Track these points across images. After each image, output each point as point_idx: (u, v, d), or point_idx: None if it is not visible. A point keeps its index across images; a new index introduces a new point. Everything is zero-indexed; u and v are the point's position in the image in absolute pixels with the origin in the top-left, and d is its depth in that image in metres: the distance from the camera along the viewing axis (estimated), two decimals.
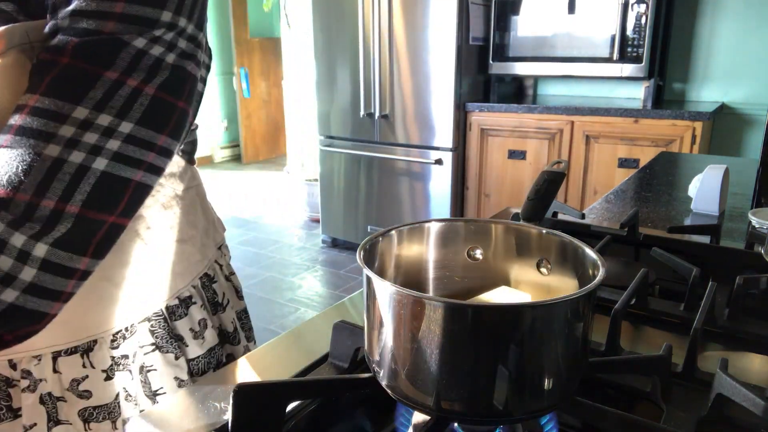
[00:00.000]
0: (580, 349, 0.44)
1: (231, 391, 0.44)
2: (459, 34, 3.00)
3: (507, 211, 1.13)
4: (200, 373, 0.72)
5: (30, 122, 0.45)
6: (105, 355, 0.64)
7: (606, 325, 0.59)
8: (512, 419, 0.42)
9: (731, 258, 0.82)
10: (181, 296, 0.70)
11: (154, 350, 0.68)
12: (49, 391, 0.62)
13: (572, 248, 0.50)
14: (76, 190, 0.46)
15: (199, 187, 0.76)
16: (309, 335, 0.68)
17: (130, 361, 0.66)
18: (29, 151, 0.45)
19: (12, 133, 0.45)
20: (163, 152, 0.51)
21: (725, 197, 1.20)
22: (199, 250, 0.74)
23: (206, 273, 0.75)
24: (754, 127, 3.00)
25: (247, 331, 0.84)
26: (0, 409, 0.62)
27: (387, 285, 0.42)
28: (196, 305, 0.72)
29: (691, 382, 0.54)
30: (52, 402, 0.63)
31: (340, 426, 0.53)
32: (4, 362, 0.61)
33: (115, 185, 0.48)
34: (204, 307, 0.74)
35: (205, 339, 0.73)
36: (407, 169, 3.33)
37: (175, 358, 0.69)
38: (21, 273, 0.44)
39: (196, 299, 0.72)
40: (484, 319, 0.39)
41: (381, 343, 0.44)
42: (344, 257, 3.70)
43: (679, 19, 3.05)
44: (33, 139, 0.45)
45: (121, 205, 0.49)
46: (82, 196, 0.46)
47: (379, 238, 0.51)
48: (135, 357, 0.66)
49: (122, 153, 0.48)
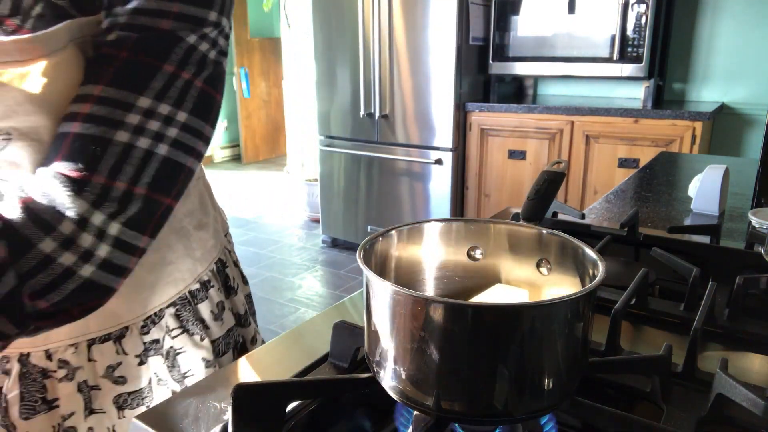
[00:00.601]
0: (580, 349, 0.44)
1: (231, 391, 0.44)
2: (459, 34, 3.00)
3: (507, 211, 1.13)
4: (221, 354, 0.75)
5: (97, 111, 0.49)
6: (137, 341, 0.66)
7: (606, 325, 0.59)
8: (512, 419, 0.42)
9: (731, 258, 0.82)
10: (201, 280, 0.73)
11: (182, 333, 0.70)
12: (85, 379, 0.64)
13: (572, 248, 0.50)
14: (143, 173, 0.50)
15: (204, 178, 0.80)
16: (309, 335, 0.68)
17: (160, 345, 0.68)
18: (101, 136, 0.49)
19: (80, 121, 0.49)
20: (207, 141, 0.56)
21: (725, 197, 1.20)
22: (213, 236, 0.76)
23: (219, 258, 0.78)
24: (754, 127, 3.00)
25: (253, 315, 0.88)
26: (36, 401, 0.63)
27: (387, 285, 0.42)
28: (214, 288, 0.75)
29: (691, 382, 0.54)
30: (87, 390, 0.64)
31: (340, 426, 0.53)
32: (41, 353, 0.62)
33: (174, 170, 0.52)
34: (220, 290, 0.77)
35: (224, 321, 0.76)
36: (407, 169, 3.33)
37: (200, 339, 0.72)
38: (98, 250, 0.48)
39: (213, 283, 0.75)
40: (484, 319, 0.39)
41: (381, 343, 0.44)
42: (344, 257, 3.70)
43: (679, 19, 3.05)
44: (103, 126, 0.49)
45: (176, 189, 0.54)
46: (148, 179, 0.50)
47: (379, 238, 0.51)
48: (164, 341, 0.69)
49: (179, 140, 0.52)
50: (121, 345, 0.66)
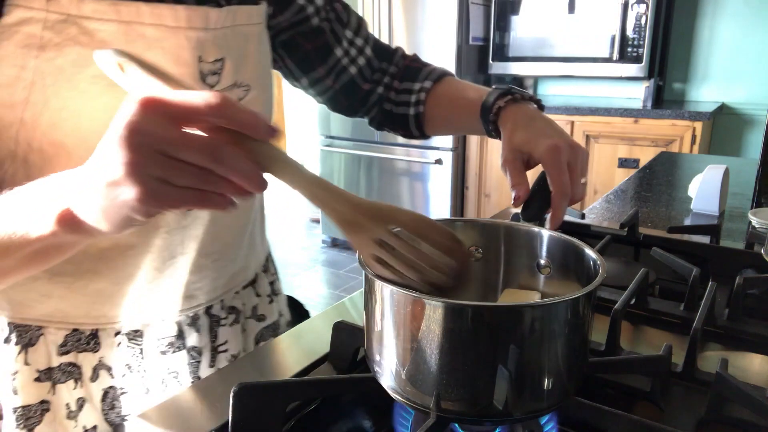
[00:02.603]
0: (580, 349, 0.44)
1: (231, 391, 0.44)
2: (459, 34, 3.00)
3: (507, 211, 1.13)
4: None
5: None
6: (264, 283, 0.81)
7: (606, 325, 0.59)
8: (512, 419, 0.42)
9: (731, 258, 0.82)
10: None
11: (276, 279, 0.85)
12: (241, 321, 0.75)
13: (572, 248, 0.50)
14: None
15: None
16: (309, 335, 0.68)
17: (277, 286, 0.85)
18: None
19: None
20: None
21: (725, 197, 1.20)
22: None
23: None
24: (754, 127, 3.00)
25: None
26: (210, 350, 0.71)
27: (387, 285, 0.42)
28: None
29: (691, 382, 0.54)
30: (243, 332, 0.76)
31: (340, 426, 0.53)
32: (217, 303, 0.71)
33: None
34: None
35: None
36: (407, 169, 3.33)
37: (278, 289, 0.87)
38: None
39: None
40: (484, 319, 0.39)
41: (381, 343, 0.44)
42: (344, 257, 3.70)
43: (679, 19, 3.04)
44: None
45: None
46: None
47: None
48: (274, 283, 0.84)
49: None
50: (255, 288, 0.78)
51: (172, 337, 0.67)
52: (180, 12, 0.56)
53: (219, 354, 0.72)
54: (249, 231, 0.74)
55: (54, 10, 0.50)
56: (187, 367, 0.69)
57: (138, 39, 0.54)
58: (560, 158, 0.60)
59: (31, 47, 0.51)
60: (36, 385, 0.62)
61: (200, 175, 0.37)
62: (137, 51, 0.51)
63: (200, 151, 0.36)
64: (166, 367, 0.67)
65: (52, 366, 0.62)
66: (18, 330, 0.61)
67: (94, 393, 0.64)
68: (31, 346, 0.62)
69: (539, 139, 0.62)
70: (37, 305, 0.61)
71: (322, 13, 0.78)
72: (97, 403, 0.65)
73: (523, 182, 0.62)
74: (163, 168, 0.36)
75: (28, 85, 0.52)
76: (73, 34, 0.52)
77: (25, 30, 0.50)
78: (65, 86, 0.52)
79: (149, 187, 0.35)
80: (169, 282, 0.65)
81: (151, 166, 0.35)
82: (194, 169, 0.36)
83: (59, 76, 0.52)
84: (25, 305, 0.61)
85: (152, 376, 0.67)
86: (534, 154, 0.62)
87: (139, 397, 0.66)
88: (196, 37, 0.57)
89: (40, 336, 0.62)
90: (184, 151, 0.36)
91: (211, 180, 0.37)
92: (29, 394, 0.61)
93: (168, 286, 0.65)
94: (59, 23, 0.51)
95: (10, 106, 0.52)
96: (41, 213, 0.41)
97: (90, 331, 0.63)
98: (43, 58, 0.51)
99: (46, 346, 0.62)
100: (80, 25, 0.52)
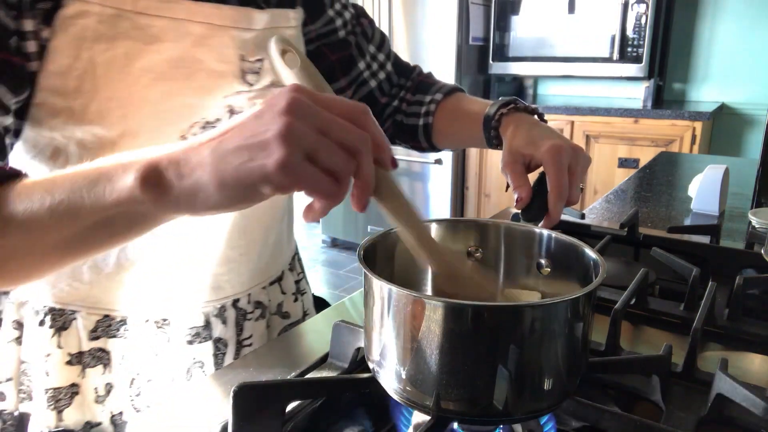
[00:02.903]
0: (580, 349, 0.44)
1: (231, 391, 0.44)
2: (459, 34, 3.00)
3: (507, 211, 1.13)
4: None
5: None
6: (290, 281, 0.83)
7: (606, 325, 0.59)
8: (512, 419, 0.42)
9: (731, 258, 0.82)
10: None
11: (302, 278, 0.88)
12: (267, 317, 0.77)
13: (572, 248, 0.50)
14: None
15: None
16: (309, 335, 0.68)
17: (303, 285, 0.88)
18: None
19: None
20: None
21: (725, 197, 1.20)
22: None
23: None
24: (754, 127, 3.00)
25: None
26: (236, 343, 0.73)
27: (387, 285, 0.42)
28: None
29: (691, 382, 0.54)
30: (267, 328, 0.78)
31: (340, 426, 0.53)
32: (244, 296, 0.73)
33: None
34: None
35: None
36: (407, 169, 3.33)
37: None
38: None
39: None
40: (484, 319, 0.39)
41: (381, 343, 0.44)
42: (344, 257, 3.70)
43: (679, 19, 3.04)
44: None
45: None
46: None
47: (379, 238, 0.51)
48: (299, 283, 0.87)
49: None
50: (281, 286, 0.80)
51: (199, 327, 0.69)
52: (226, 12, 0.60)
53: (243, 348, 0.74)
54: (276, 229, 0.76)
55: (109, 5, 0.54)
56: (212, 358, 0.70)
57: (186, 36, 0.58)
58: (562, 159, 0.60)
59: (85, 39, 0.54)
60: (67, 368, 0.64)
61: (345, 160, 0.36)
62: (185, 47, 0.58)
63: (354, 133, 0.37)
64: (192, 357, 0.69)
65: (83, 350, 0.65)
66: (52, 314, 0.64)
67: (122, 379, 0.67)
68: (64, 330, 0.64)
69: (541, 141, 0.63)
70: (71, 290, 0.64)
71: (349, 26, 0.81)
72: (124, 389, 0.67)
73: (525, 184, 0.63)
74: (316, 142, 0.35)
75: (80, 74, 0.54)
76: (125, 28, 0.55)
77: (81, 22, 0.53)
78: (115, 77, 0.55)
79: (295, 156, 0.34)
80: (197, 273, 0.67)
81: (306, 136, 0.35)
82: (342, 153, 0.36)
83: (110, 67, 0.55)
84: (60, 290, 0.64)
85: (178, 365, 0.68)
86: (536, 154, 0.63)
87: (164, 384, 0.68)
88: (239, 37, 0.61)
89: (72, 320, 0.65)
90: (339, 130, 0.36)
91: (349, 167, 0.37)
92: (60, 377, 0.64)
93: (197, 276, 0.68)
94: (113, 17, 0.54)
95: (62, 94, 0.55)
96: (122, 174, 0.39)
97: (120, 318, 0.66)
98: (96, 50, 0.54)
99: (78, 330, 0.65)
100: (133, 20, 0.55)
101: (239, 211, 0.66)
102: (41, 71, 0.54)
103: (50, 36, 0.53)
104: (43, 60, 0.53)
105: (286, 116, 0.35)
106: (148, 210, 0.40)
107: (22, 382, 0.65)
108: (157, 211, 0.40)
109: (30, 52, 0.53)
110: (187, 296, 0.68)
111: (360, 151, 0.37)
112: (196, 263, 0.67)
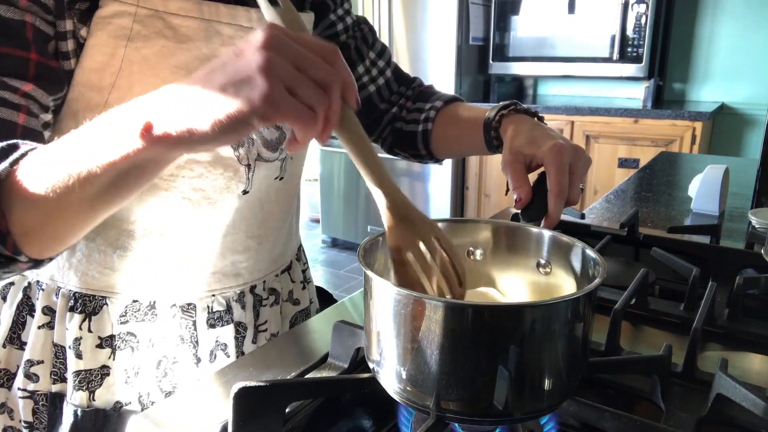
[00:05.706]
0: (580, 349, 0.44)
1: (231, 391, 0.44)
2: (459, 34, 3.00)
3: (507, 211, 1.13)
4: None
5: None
6: (297, 269, 0.86)
7: (606, 325, 0.59)
8: (512, 419, 0.42)
9: (731, 258, 0.82)
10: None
11: (307, 268, 0.91)
12: (280, 303, 0.81)
13: (572, 248, 0.50)
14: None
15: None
16: (309, 335, 0.68)
17: (309, 274, 0.91)
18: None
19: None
20: None
21: (725, 197, 1.20)
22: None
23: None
24: (754, 127, 3.00)
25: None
26: (254, 327, 0.76)
27: (387, 285, 0.42)
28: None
29: (691, 382, 0.54)
30: (280, 314, 0.81)
31: (340, 426, 0.53)
32: (260, 283, 0.76)
33: None
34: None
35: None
36: (407, 169, 3.33)
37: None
38: None
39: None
40: (484, 319, 0.39)
41: (381, 343, 0.44)
42: (344, 257, 3.70)
43: (679, 19, 3.04)
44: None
45: None
46: None
47: (379, 238, 0.51)
48: (306, 272, 0.90)
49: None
50: (290, 274, 0.83)
51: (221, 312, 0.73)
52: (253, 14, 0.64)
53: (260, 333, 0.77)
54: (289, 219, 0.80)
55: (144, 5, 0.57)
56: (234, 341, 0.74)
57: (215, 35, 0.62)
58: (562, 158, 0.60)
59: (121, 38, 0.57)
60: (98, 351, 0.67)
61: (320, 95, 0.40)
62: (215, 47, 0.62)
63: (327, 70, 0.40)
64: (215, 339, 0.72)
65: (113, 334, 0.68)
66: (83, 299, 0.67)
67: (150, 361, 0.69)
68: (94, 314, 0.67)
69: (543, 140, 0.64)
70: (101, 277, 0.67)
71: (350, 31, 0.84)
72: (151, 371, 0.69)
73: (525, 184, 0.63)
74: (294, 77, 0.39)
75: (116, 71, 0.58)
76: (159, 27, 0.58)
77: (117, 22, 0.57)
78: (149, 74, 0.58)
79: (277, 89, 0.37)
80: (221, 260, 0.71)
81: (285, 71, 0.38)
82: (317, 87, 0.40)
83: (144, 64, 0.58)
84: (90, 277, 0.67)
85: (203, 348, 0.72)
86: (537, 154, 0.63)
87: (189, 367, 0.71)
88: None
89: (103, 306, 0.68)
90: (313, 66, 0.40)
91: (323, 101, 0.40)
92: (92, 359, 0.67)
93: (220, 264, 0.71)
94: (147, 17, 0.58)
95: (99, 90, 0.58)
96: (123, 131, 0.42)
97: (148, 303, 0.69)
98: (131, 48, 0.58)
99: (108, 315, 0.68)
100: (166, 20, 0.59)
101: (258, 203, 0.71)
102: (78, 68, 0.57)
103: (87, 35, 0.56)
104: (80, 57, 0.57)
105: (265, 51, 0.38)
106: (154, 155, 0.43)
107: (54, 364, 0.68)
108: (161, 156, 0.44)
109: (68, 50, 0.56)
110: (210, 283, 0.71)
111: (331, 87, 0.40)
112: (220, 252, 0.70)
